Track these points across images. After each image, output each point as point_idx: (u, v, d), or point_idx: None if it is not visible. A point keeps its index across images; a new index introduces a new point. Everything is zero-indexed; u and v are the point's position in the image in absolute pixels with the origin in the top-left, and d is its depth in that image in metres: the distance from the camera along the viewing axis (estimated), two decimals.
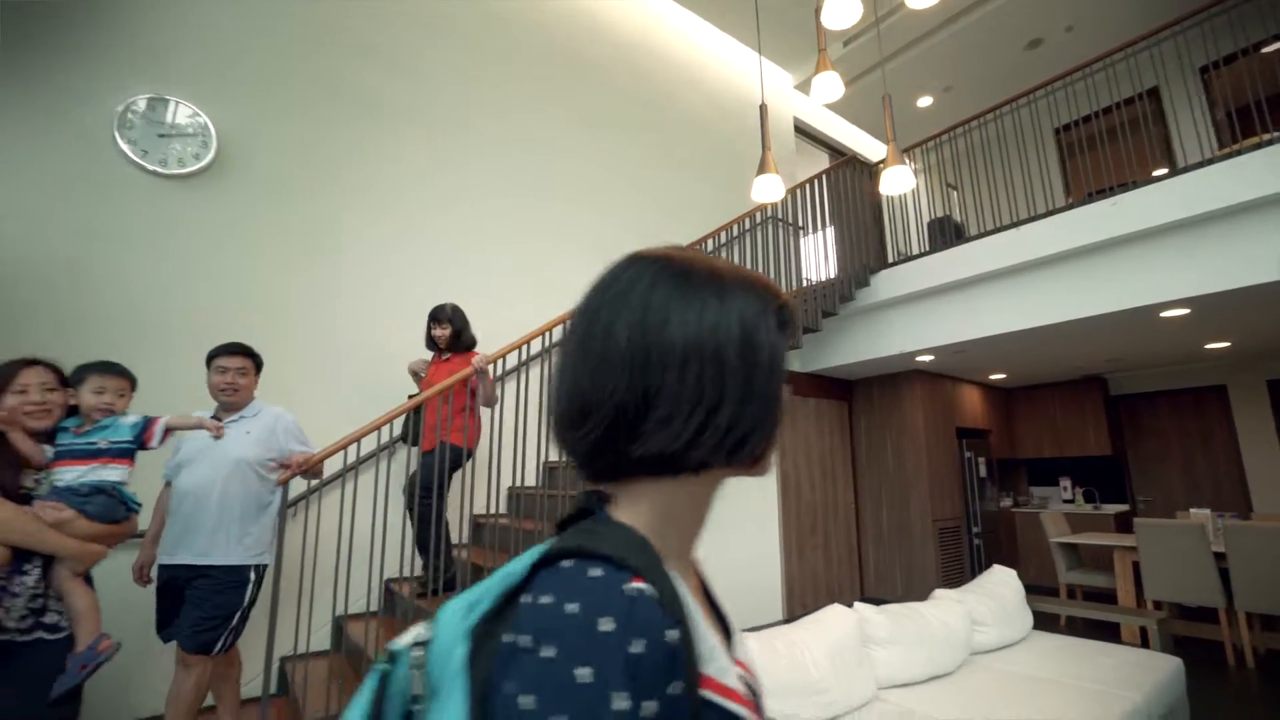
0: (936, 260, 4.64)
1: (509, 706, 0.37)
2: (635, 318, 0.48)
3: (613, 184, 4.89)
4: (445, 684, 0.42)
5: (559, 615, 0.39)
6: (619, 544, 0.44)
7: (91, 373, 1.80)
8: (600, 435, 0.47)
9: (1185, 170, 3.59)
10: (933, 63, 5.95)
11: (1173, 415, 6.14)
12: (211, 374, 2.30)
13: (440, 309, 3.15)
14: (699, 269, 0.51)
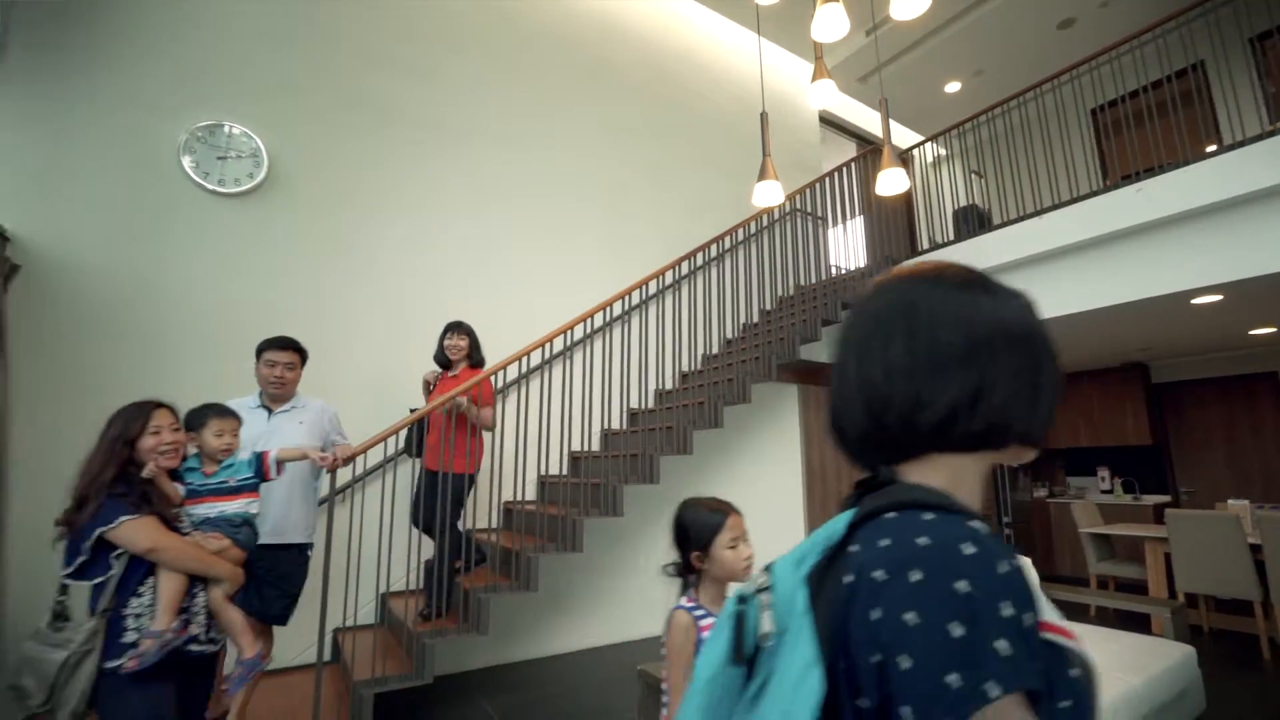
0: (960, 250, 4.63)
1: (890, 626, 0.42)
2: (958, 318, 0.54)
3: (635, 185, 5.04)
4: (792, 624, 0.48)
5: (910, 548, 0.44)
6: (939, 496, 0.50)
7: (211, 416, 1.92)
8: (903, 423, 0.53)
9: (1226, 150, 3.49)
10: (962, 46, 5.85)
11: (1219, 403, 5.92)
12: (261, 366, 2.45)
13: (459, 322, 3.23)
14: (971, 275, 0.58)
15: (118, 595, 1.54)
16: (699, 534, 1.44)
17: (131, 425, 1.67)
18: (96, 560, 1.54)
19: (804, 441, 5.54)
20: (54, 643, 1.47)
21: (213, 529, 1.80)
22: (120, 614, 1.53)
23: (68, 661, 1.44)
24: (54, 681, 1.43)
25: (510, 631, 3.79)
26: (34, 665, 1.46)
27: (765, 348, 4.16)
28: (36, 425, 2.80)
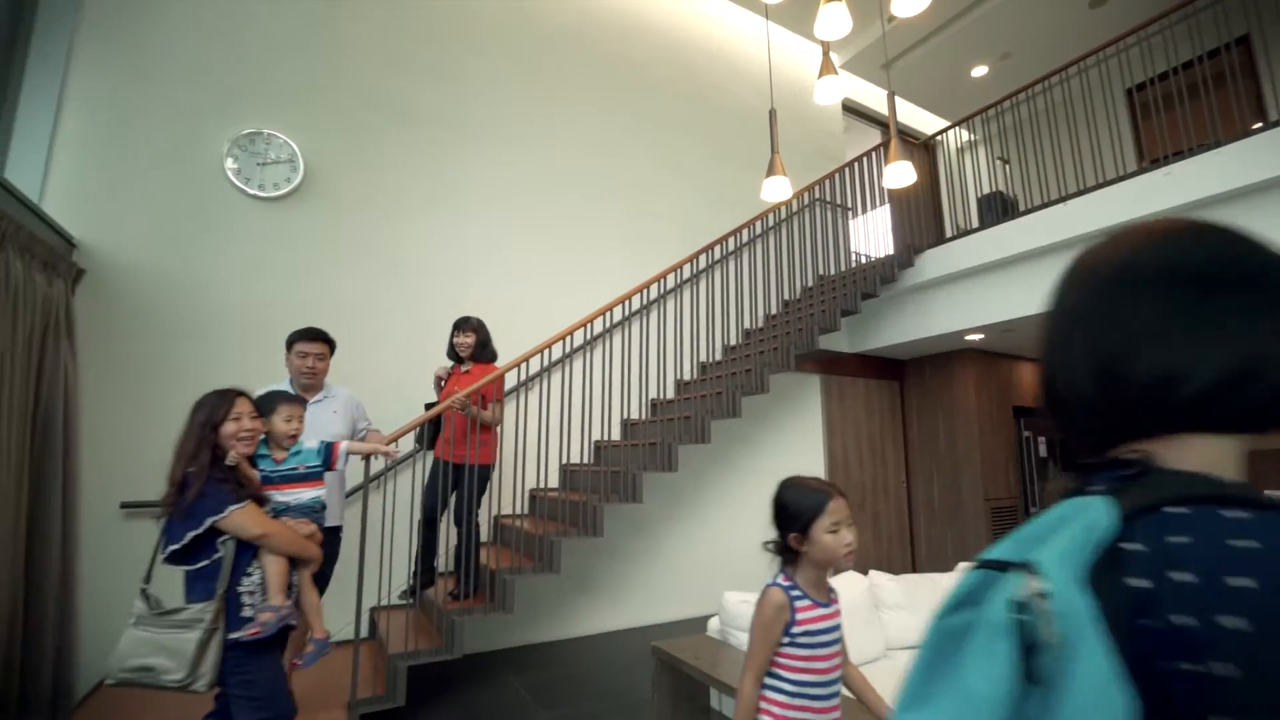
0: (983, 238, 4.59)
1: (1209, 635, 0.37)
2: (1228, 273, 0.47)
3: (656, 180, 5.11)
4: (1073, 633, 0.41)
5: (1226, 550, 0.39)
6: (1239, 489, 0.43)
7: (280, 402, 1.99)
8: (1150, 397, 0.47)
9: (1257, 131, 3.40)
10: (988, 29, 5.75)
11: None
12: (292, 357, 2.53)
13: (466, 318, 3.27)
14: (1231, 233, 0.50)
15: (234, 574, 1.69)
16: (798, 515, 1.37)
17: (217, 411, 1.77)
18: (200, 546, 1.66)
19: (826, 431, 5.58)
20: (180, 624, 1.61)
21: (297, 515, 1.92)
22: (236, 593, 1.68)
23: (202, 639, 1.59)
24: (194, 658, 1.58)
25: (537, 614, 3.96)
26: (166, 647, 1.60)
27: (784, 339, 4.21)
28: (99, 415, 3.05)
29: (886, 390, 6.05)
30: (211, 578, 1.66)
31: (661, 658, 2.25)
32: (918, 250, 5.00)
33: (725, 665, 2.06)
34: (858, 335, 5.71)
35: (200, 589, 1.67)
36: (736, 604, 2.29)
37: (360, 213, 3.88)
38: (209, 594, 1.65)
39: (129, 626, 1.65)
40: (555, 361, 3.83)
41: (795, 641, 1.34)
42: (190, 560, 1.67)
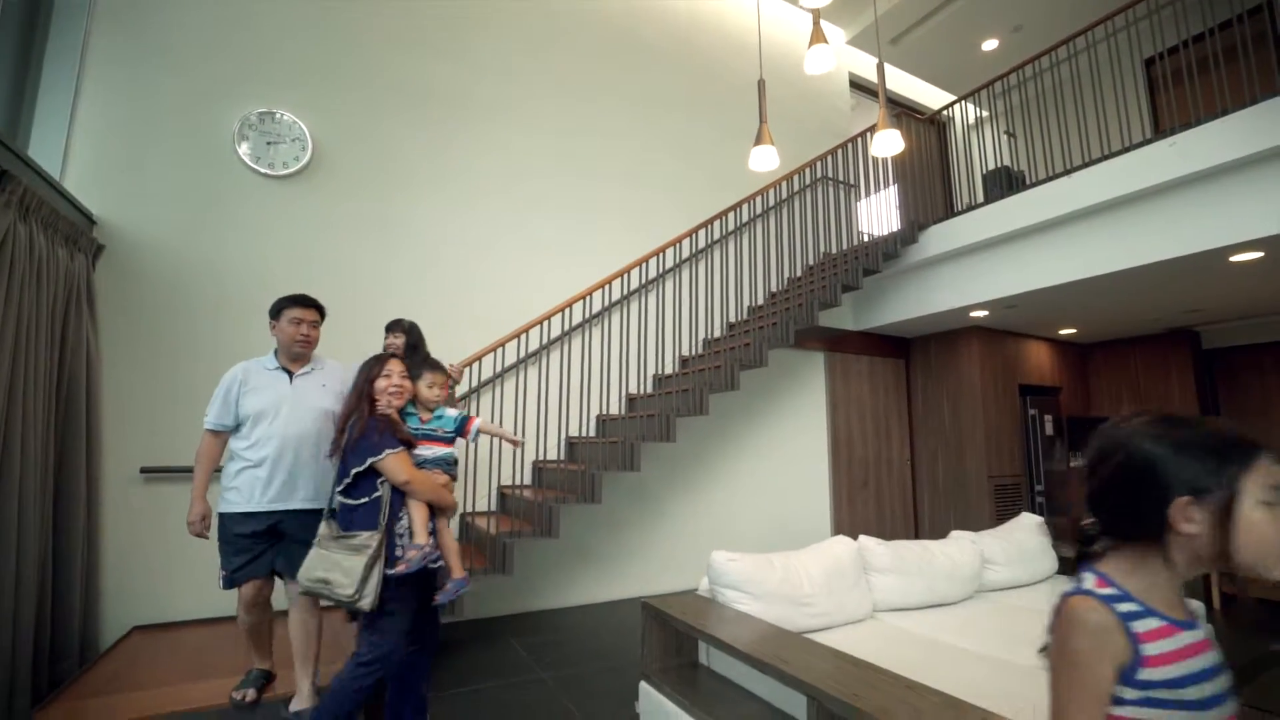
0: (987, 213, 4.56)
1: None
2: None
3: (661, 158, 5.13)
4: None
5: None
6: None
7: (425, 370, 2.26)
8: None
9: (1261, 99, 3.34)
10: (988, 6, 5.64)
11: (1274, 369, 5.64)
12: (284, 324, 2.31)
13: (398, 320, 2.94)
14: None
15: (392, 513, 1.99)
16: (1202, 474, 0.81)
17: (373, 369, 2.12)
18: (360, 484, 1.98)
19: (830, 408, 5.62)
20: (352, 548, 1.92)
21: (432, 468, 2.17)
22: (393, 530, 1.99)
23: (368, 563, 1.89)
24: (362, 577, 1.88)
25: (539, 582, 4.09)
26: (340, 566, 1.91)
27: (784, 314, 4.25)
28: (119, 385, 3.20)
29: (891, 368, 6.06)
30: (373, 513, 1.96)
31: (651, 612, 2.34)
32: (922, 226, 4.98)
33: (713, 619, 2.15)
34: (862, 313, 5.72)
35: (361, 521, 1.96)
36: (724, 563, 2.37)
37: (368, 190, 3.97)
38: (372, 526, 1.95)
39: (314, 547, 1.97)
40: (557, 337, 3.91)
41: (1152, 698, 0.79)
42: (354, 495, 1.98)
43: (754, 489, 5.10)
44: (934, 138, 5.99)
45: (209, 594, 3.21)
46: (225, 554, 2.23)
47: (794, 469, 5.36)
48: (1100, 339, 6.38)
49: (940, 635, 2.43)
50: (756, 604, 2.31)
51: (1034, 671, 1.98)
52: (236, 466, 2.24)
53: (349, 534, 1.95)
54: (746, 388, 5.05)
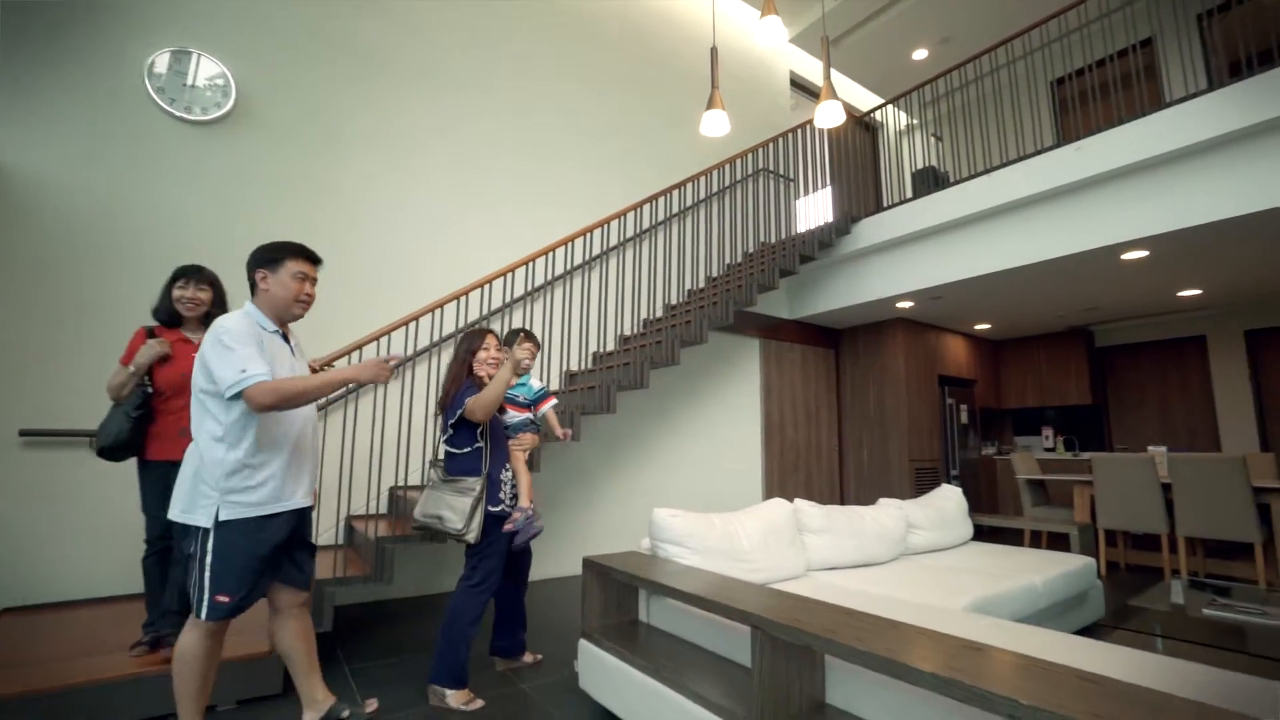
0: (915, 206, 4.82)
1: None
2: None
3: (609, 138, 5.12)
4: None
5: None
6: None
7: (521, 337, 2.58)
8: None
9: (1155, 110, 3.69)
10: (929, 13, 5.98)
11: (1153, 365, 6.28)
12: (285, 278, 1.84)
13: (199, 267, 2.32)
14: None
15: (491, 462, 2.33)
16: None
17: (473, 342, 2.41)
18: (460, 434, 2.31)
19: (764, 394, 5.76)
20: (460, 490, 2.26)
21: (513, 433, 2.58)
22: (495, 477, 2.35)
23: (474, 503, 2.24)
24: (469, 515, 2.23)
25: None
26: (451, 505, 2.25)
27: (724, 295, 4.32)
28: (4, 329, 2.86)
29: (823, 357, 6.29)
30: (475, 460, 2.32)
31: (593, 569, 2.31)
32: (855, 219, 5.20)
33: (656, 571, 2.14)
34: (797, 302, 5.90)
35: (464, 467, 2.31)
36: (666, 518, 2.37)
37: (295, 144, 3.73)
38: (475, 472, 2.30)
39: (428, 489, 2.34)
40: (494, 311, 3.81)
41: None
42: (457, 445, 2.32)
43: (690, 471, 5.16)
44: (867, 138, 6.27)
45: (98, 572, 2.92)
46: (234, 576, 1.71)
47: (729, 452, 5.46)
48: (1010, 336, 6.88)
49: (870, 589, 2.53)
50: (697, 558, 2.32)
51: (959, 614, 2.10)
52: (261, 457, 1.76)
53: (456, 478, 2.29)
54: (685, 370, 5.11)
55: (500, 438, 2.45)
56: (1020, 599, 2.51)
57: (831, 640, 1.37)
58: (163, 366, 2.23)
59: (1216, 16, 5.48)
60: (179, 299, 2.27)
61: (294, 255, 1.89)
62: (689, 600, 1.81)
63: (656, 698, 1.85)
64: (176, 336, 2.29)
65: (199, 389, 1.73)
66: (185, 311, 2.29)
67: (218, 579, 1.69)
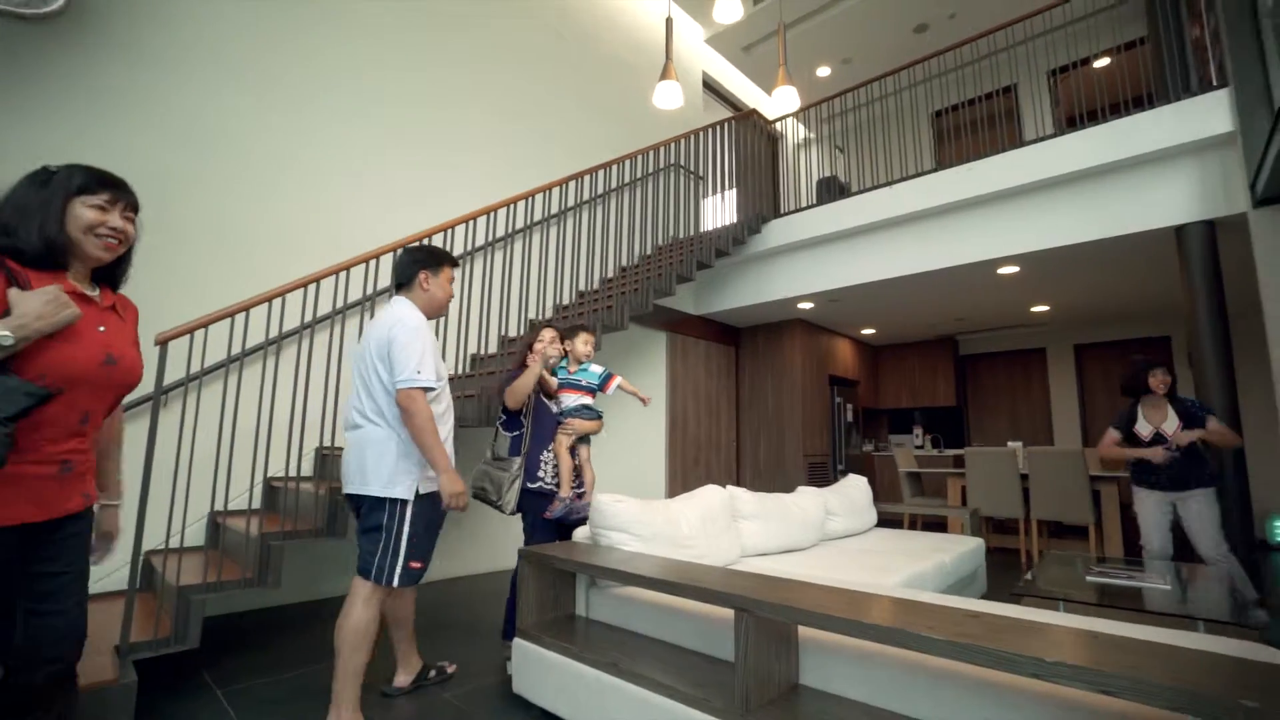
0: (821, 212, 5.05)
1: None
2: None
3: (522, 115, 4.86)
4: None
5: None
6: None
7: (581, 330, 2.72)
8: None
9: (1031, 143, 4.15)
10: (833, 34, 6.35)
11: (1004, 372, 7.14)
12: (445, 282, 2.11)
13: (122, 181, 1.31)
14: None
15: (531, 444, 2.47)
16: None
17: (533, 335, 2.58)
18: (510, 419, 2.50)
19: (669, 387, 5.76)
20: (501, 468, 2.43)
21: (567, 416, 2.60)
22: (536, 458, 2.47)
23: (510, 479, 2.40)
24: (504, 488, 2.39)
25: None
26: (494, 479, 2.43)
27: (645, 282, 4.24)
28: None
29: (724, 354, 6.43)
30: (518, 443, 2.47)
31: (531, 561, 2.11)
32: (765, 219, 5.36)
33: (613, 559, 1.98)
34: (703, 298, 5.98)
35: (510, 449, 2.46)
36: (611, 505, 2.22)
37: (155, 63, 3.11)
38: (516, 453, 2.45)
39: (480, 465, 2.49)
40: (380, 290, 3.43)
41: None
42: (508, 429, 2.50)
43: (595, 466, 5.01)
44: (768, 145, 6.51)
45: None
46: (427, 545, 1.96)
47: (633, 446, 5.39)
48: (889, 342, 7.48)
49: (806, 571, 2.54)
50: (643, 545, 2.20)
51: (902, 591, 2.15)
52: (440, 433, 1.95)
53: (500, 459, 2.46)
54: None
55: (544, 423, 2.53)
56: (937, 576, 2.66)
57: (836, 618, 1.31)
58: (53, 344, 1.15)
59: (1059, 75, 6.35)
60: (92, 225, 1.22)
61: (451, 263, 2.16)
62: (662, 588, 1.68)
63: (614, 694, 1.70)
64: (68, 289, 1.20)
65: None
66: (98, 250, 1.25)
67: (414, 547, 1.90)
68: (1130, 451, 3.15)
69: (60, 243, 1.18)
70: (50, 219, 1.17)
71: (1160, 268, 4.40)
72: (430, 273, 2.06)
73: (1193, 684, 0.94)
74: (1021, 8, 5.30)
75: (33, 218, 1.16)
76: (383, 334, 1.89)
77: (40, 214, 1.16)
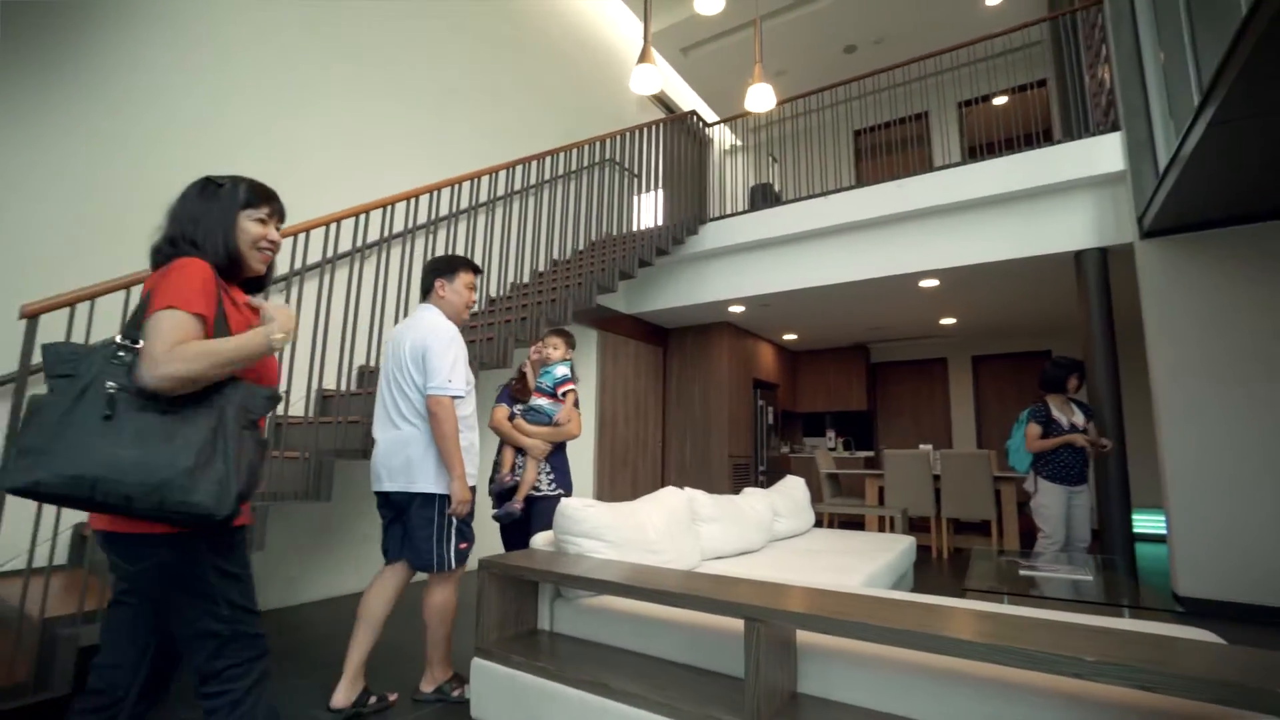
0: (757, 218, 5.14)
1: None
2: None
3: (464, 94, 4.57)
4: None
5: None
6: None
7: (553, 334, 2.72)
8: None
9: (947, 167, 4.44)
10: (770, 46, 6.51)
11: (910, 380, 7.66)
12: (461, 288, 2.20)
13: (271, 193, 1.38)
14: None
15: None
16: None
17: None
18: None
19: (599, 387, 5.64)
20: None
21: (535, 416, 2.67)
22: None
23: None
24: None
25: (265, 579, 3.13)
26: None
27: (588, 276, 4.10)
28: None
29: (653, 354, 6.39)
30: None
31: (493, 572, 1.91)
32: (703, 221, 5.38)
33: (593, 568, 1.83)
34: (635, 297, 5.91)
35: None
36: (580, 509, 2.06)
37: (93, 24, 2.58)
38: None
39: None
40: (309, 266, 3.08)
41: None
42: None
43: None
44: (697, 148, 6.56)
45: None
46: (464, 525, 2.11)
47: None
48: (808, 347, 7.79)
49: (769, 574, 2.52)
50: (614, 551, 2.07)
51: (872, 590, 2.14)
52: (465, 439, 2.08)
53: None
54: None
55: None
56: (886, 573, 2.74)
57: (867, 625, 1.25)
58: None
59: (966, 108, 6.91)
60: (256, 240, 1.25)
61: (467, 268, 2.21)
62: (668, 600, 1.56)
63: (602, 717, 1.56)
64: (242, 300, 1.26)
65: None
66: (258, 263, 1.27)
67: (461, 532, 2.08)
68: (1066, 438, 3.39)
69: (237, 257, 1.22)
70: (230, 233, 1.21)
71: (1055, 288, 4.86)
72: (446, 280, 2.16)
73: (1236, 678, 0.97)
74: (940, 41, 5.69)
75: (215, 231, 1.19)
76: (418, 339, 2.02)
77: (221, 228, 1.20)
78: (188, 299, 1.06)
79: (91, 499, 0.95)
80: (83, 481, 0.94)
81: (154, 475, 0.97)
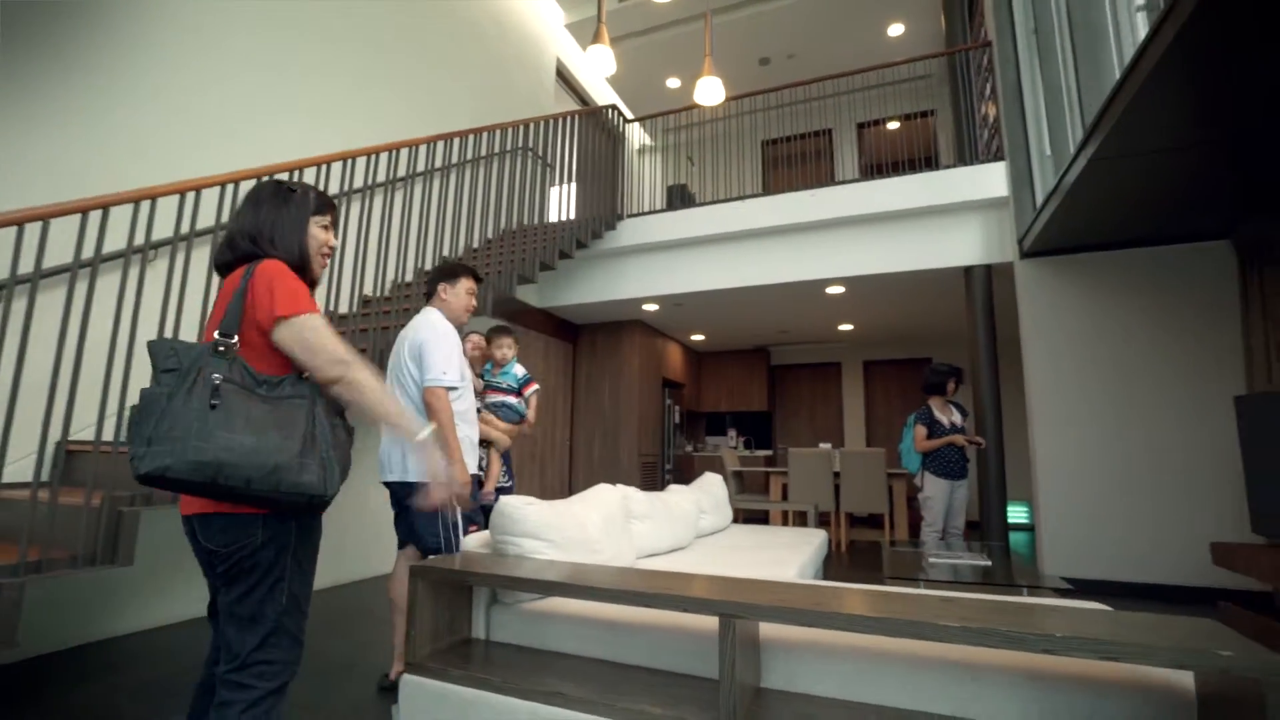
0: (674, 217, 5.18)
1: None
2: None
3: (382, 64, 4.18)
4: None
5: None
6: None
7: (498, 334, 2.96)
8: None
9: (847, 182, 4.71)
10: (683, 50, 6.59)
11: (808, 383, 8.08)
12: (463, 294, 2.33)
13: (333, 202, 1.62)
14: None
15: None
16: None
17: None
18: None
19: None
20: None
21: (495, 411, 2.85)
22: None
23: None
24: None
25: (124, 598, 2.66)
26: None
27: (509, 264, 3.91)
28: None
29: (563, 350, 6.25)
30: None
31: (428, 579, 1.72)
32: (620, 217, 5.33)
33: (540, 569, 1.70)
34: (547, 292, 5.73)
35: None
36: (520, 508, 1.91)
37: None
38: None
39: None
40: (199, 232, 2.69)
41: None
42: None
43: None
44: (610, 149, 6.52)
45: None
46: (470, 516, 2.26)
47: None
48: (714, 349, 7.97)
49: (704, 570, 2.50)
50: (556, 551, 1.95)
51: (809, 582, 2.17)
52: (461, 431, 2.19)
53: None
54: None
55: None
56: (812, 566, 2.82)
57: (853, 616, 1.24)
58: None
59: (864, 129, 7.41)
60: (321, 246, 1.34)
61: (469, 275, 2.35)
62: (638, 601, 1.47)
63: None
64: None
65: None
66: (319, 268, 1.35)
67: (466, 516, 2.20)
68: (949, 439, 3.71)
69: (307, 260, 1.28)
70: (303, 237, 1.27)
71: (946, 300, 5.32)
72: (448, 284, 2.31)
73: (1191, 643, 1.05)
74: (847, 64, 6.05)
75: (292, 235, 1.26)
76: (415, 337, 2.15)
77: (297, 232, 1.27)
78: (309, 302, 1.17)
79: (214, 482, 1.01)
80: (207, 467, 1.00)
81: (270, 459, 1.04)
